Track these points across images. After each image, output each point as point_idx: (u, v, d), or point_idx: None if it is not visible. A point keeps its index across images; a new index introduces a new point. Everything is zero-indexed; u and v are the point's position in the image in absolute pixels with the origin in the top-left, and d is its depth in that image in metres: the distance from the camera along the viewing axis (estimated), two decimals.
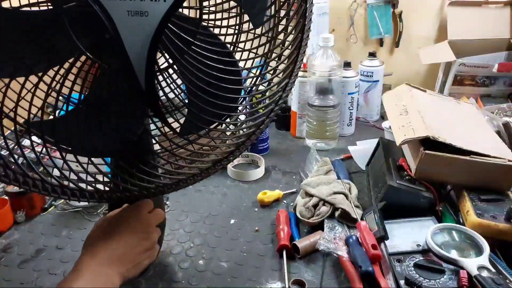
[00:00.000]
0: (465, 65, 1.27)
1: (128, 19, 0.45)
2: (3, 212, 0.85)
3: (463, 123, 0.96)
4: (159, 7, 0.46)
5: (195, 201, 0.95)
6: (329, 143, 1.18)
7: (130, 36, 0.45)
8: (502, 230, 0.71)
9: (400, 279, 0.66)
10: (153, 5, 0.45)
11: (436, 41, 1.46)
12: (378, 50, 1.50)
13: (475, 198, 0.78)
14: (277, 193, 0.95)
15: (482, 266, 0.65)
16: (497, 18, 1.34)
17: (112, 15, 0.44)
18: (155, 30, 0.46)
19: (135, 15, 0.45)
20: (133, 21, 0.45)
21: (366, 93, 1.30)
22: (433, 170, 0.80)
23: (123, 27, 0.45)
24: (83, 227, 0.87)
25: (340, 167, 1.01)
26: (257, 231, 0.85)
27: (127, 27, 0.45)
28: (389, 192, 0.81)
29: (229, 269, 0.76)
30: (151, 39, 0.46)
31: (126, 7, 0.44)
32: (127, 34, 0.45)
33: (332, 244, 0.74)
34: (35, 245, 0.82)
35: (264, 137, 1.14)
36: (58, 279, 0.73)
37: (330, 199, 0.84)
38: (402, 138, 0.82)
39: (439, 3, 1.43)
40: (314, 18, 1.32)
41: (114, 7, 0.44)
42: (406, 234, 0.77)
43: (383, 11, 1.46)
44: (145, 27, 0.46)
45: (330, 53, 1.11)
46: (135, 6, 0.45)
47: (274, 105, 0.68)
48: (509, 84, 1.29)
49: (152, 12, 0.46)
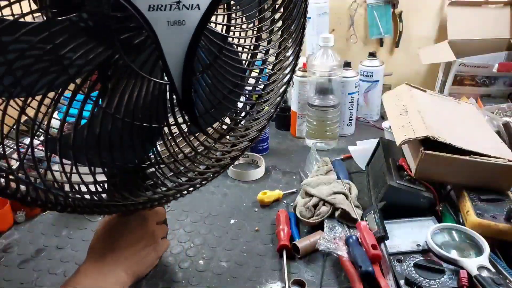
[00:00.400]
0: (465, 65, 1.27)
1: (167, 29, 0.45)
2: (3, 212, 0.85)
3: (463, 123, 0.96)
4: (195, 14, 0.47)
5: (195, 201, 0.95)
6: (329, 143, 1.18)
7: (168, 45, 0.46)
8: (502, 230, 0.71)
9: (400, 279, 0.66)
10: (189, 13, 0.46)
11: (436, 41, 1.46)
12: (378, 50, 1.50)
13: (475, 198, 0.78)
14: (277, 193, 0.95)
15: (482, 266, 0.65)
16: (497, 18, 1.34)
17: (154, 26, 0.44)
18: (192, 38, 0.47)
19: (174, 24, 0.46)
20: (172, 31, 0.46)
21: (366, 93, 1.30)
22: (433, 170, 0.80)
23: (163, 37, 0.45)
24: (83, 227, 0.87)
25: (340, 167, 1.01)
26: (257, 231, 0.85)
27: (167, 37, 0.46)
28: (389, 192, 0.81)
29: (229, 269, 0.76)
30: (188, 47, 0.47)
31: (166, 17, 0.45)
32: (166, 44, 0.46)
33: (332, 244, 0.74)
34: (35, 245, 0.82)
35: (264, 137, 1.14)
36: (58, 279, 0.74)
37: (330, 199, 0.84)
38: (402, 138, 0.82)
39: (439, 3, 1.43)
40: (314, 18, 1.33)
41: (155, 18, 0.44)
42: (406, 234, 0.77)
43: (383, 11, 1.46)
44: (183, 36, 0.47)
45: (330, 53, 1.11)
46: (174, 15, 0.45)
47: (274, 110, 0.70)
48: (509, 84, 1.29)
49: (188, 20, 0.46)
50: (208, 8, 0.47)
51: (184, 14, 0.46)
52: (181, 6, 0.45)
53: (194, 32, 0.47)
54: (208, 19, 0.48)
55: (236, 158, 0.69)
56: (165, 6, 0.44)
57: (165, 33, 0.45)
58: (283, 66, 0.67)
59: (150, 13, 0.43)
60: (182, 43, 0.47)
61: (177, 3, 0.45)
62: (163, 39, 0.45)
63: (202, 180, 0.66)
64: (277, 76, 0.68)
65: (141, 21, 0.43)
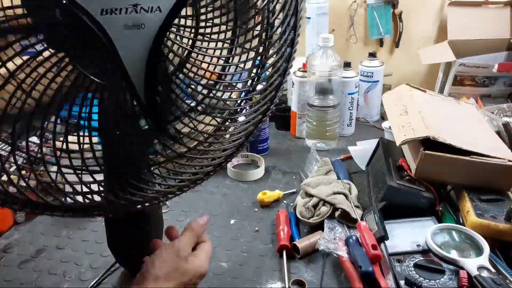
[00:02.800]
0: (465, 65, 1.27)
1: (124, 33, 0.43)
2: (3, 212, 0.85)
3: (463, 123, 0.96)
4: (155, 18, 0.44)
5: (194, 201, 0.95)
6: (329, 143, 1.17)
7: (127, 50, 0.44)
8: (502, 230, 0.71)
9: (400, 279, 0.66)
10: (149, 16, 0.44)
11: (436, 41, 1.46)
12: (378, 50, 1.50)
13: (475, 198, 0.78)
14: (277, 193, 0.95)
15: (482, 266, 0.65)
16: (497, 18, 1.34)
17: (108, 31, 0.42)
18: (153, 42, 0.45)
19: (131, 28, 0.43)
20: (130, 34, 0.43)
21: (366, 93, 1.30)
22: (433, 170, 0.80)
23: (120, 42, 0.43)
24: (83, 227, 0.87)
25: (340, 167, 1.01)
26: (257, 231, 0.85)
27: (124, 41, 0.43)
28: (389, 192, 0.81)
29: (229, 269, 0.76)
30: (149, 52, 0.45)
31: (122, 21, 0.43)
32: (124, 48, 0.44)
33: (332, 244, 0.74)
34: (35, 245, 0.82)
35: (264, 137, 1.14)
36: (58, 279, 0.74)
37: (330, 199, 0.84)
38: (402, 138, 0.82)
39: (439, 3, 1.43)
40: (314, 18, 1.33)
41: (109, 22, 0.42)
42: (406, 234, 0.77)
43: (383, 11, 1.46)
44: (143, 40, 0.44)
45: (330, 53, 1.11)
46: (131, 19, 0.43)
47: (270, 103, 0.67)
48: (509, 84, 1.29)
49: (148, 24, 0.44)
50: (171, 10, 0.45)
51: (143, 17, 0.44)
52: (138, 9, 0.43)
53: (155, 36, 0.45)
54: (171, 22, 0.45)
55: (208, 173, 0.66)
56: (120, 9, 0.42)
57: (122, 38, 0.43)
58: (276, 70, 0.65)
59: (103, 17, 0.42)
60: (142, 48, 0.45)
61: (134, 6, 0.43)
62: (120, 43, 0.43)
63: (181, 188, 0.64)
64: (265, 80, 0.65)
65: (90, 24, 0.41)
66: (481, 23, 1.33)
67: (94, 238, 0.84)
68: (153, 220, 0.72)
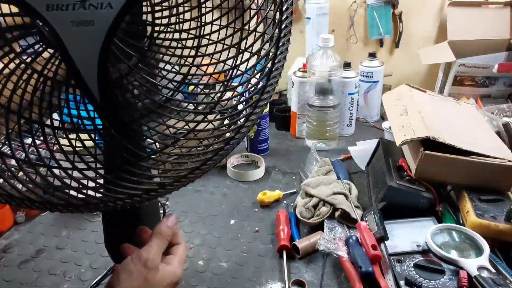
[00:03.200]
0: (465, 65, 1.27)
1: (73, 30, 0.42)
2: (3, 212, 0.85)
3: (463, 123, 0.96)
4: (105, 15, 0.42)
5: (194, 201, 0.95)
6: (329, 143, 1.18)
7: (77, 47, 0.43)
8: (502, 230, 0.71)
9: (400, 280, 0.66)
10: (98, 13, 0.42)
11: (436, 42, 1.46)
12: (378, 51, 1.50)
13: (475, 199, 0.78)
14: (277, 194, 0.95)
15: (482, 267, 0.65)
16: (497, 18, 1.34)
17: (55, 27, 0.41)
18: (104, 40, 0.43)
19: (79, 25, 0.42)
20: (79, 31, 0.42)
21: (366, 93, 1.30)
22: (433, 170, 0.80)
23: (68, 39, 0.42)
24: (82, 228, 0.87)
25: (340, 167, 1.01)
26: (257, 231, 0.85)
27: (73, 38, 0.42)
28: (389, 192, 0.81)
29: (229, 269, 0.76)
30: (100, 49, 0.43)
31: (69, 18, 0.41)
32: (74, 45, 0.42)
33: (332, 245, 0.74)
34: (35, 246, 0.82)
35: (264, 138, 1.14)
36: (58, 280, 0.74)
37: (330, 199, 0.84)
38: (402, 139, 0.82)
39: (439, 4, 1.43)
40: (314, 18, 1.33)
41: (56, 18, 0.41)
42: (406, 234, 0.77)
43: (383, 11, 1.46)
44: (93, 37, 0.43)
45: (330, 53, 1.11)
46: (79, 15, 0.42)
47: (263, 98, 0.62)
48: (509, 85, 1.29)
49: (98, 21, 0.42)
50: (123, 7, 0.42)
51: (92, 13, 0.42)
52: (87, 5, 0.42)
53: (106, 33, 0.43)
54: (122, 18, 0.43)
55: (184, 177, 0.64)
56: (67, 5, 0.41)
57: (70, 34, 0.42)
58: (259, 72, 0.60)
59: (50, 13, 0.41)
60: (93, 45, 0.43)
61: (82, 2, 0.41)
62: (68, 40, 0.42)
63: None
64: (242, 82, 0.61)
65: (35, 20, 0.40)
66: (481, 23, 1.33)
67: (94, 239, 0.84)
68: (150, 221, 0.72)
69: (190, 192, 0.98)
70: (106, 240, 0.70)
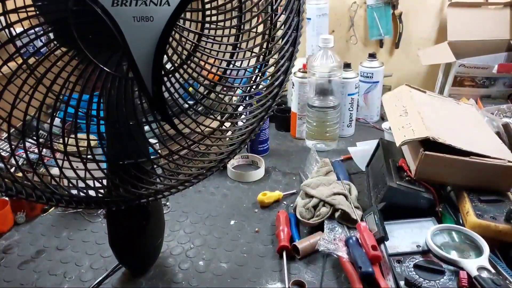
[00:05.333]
0: (465, 66, 1.27)
1: (134, 25, 0.44)
2: (4, 213, 0.85)
3: (463, 124, 0.96)
4: (164, 11, 0.45)
5: (195, 202, 0.95)
6: (329, 144, 1.18)
7: (136, 42, 0.45)
8: (502, 231, 0.71)
9: (400, 280, 0.66)
10: (158, 9, 0.45)
11: (436, 42, 1.46)
12: (378, 51, 1.50)
13: (475, 199, 0.78)
14: (277, 194, 0.95)
15: (482, 267, 0.65)
16: (497, 19, 1.34)
17: (118, 22, 0.43)
18: (161, 35, 0.46)
19: (140, 20, 0.44)
20: (139, 27, 0.45)
21: (366, 94, 1.30)
22: (433, 171, 0.81)
23: (129, 33, 0.44)
24: (83, 228, 0.87)
25: (340, 168, 1.01)
26: (257, 232, 0.85)
27: (133, 33, 0.45)
28: (389, 193, 0.81)
29: (229, 270, 0.76)
30: (157, 44, 0.46)
31: (131, 13, 0.44)
32: (133, 40, 0.45)
33: (332, 245, 0.74)
34: (35, 246, 0.82)
35: (264, 138, 1.14)
36: (59, 280, 0.74)
37: (330, 200, 0.84)
38: (402, 139, 0.82)
39: (439, 4, 1.43)
40: (314, 19, 1.34)
41: (119, 13, 0.43)
42: (406, 235, 0.77)
43: (383, 12, 1.47)
44: (151, 32, 0.46)
45: (330, 54, 1.12)
46: (140, 11, 0.44)
47: (272, 101, 0.68)
48: (508, 85, 1.29)
49: (157, 17, 0.45)
50: (179, 4, 0.46)
51: (152, 10, 0.45)
52: (148, 2, 0.44)
53: (163, 29, 0.46)
54: (178, 16, 0.46)
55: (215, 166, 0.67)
56: (130, 1, 0.43)
57: (131, 29, 0.44)
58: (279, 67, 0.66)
59: (114, 8, 0.43)
60: (151, 40, 0.46)
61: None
62: (129, 35, 0.44)
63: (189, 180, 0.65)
64: (268, 77, 0.67)
65: (102, 15, 0.42)
66: (480, 24, 1.33)
67: (94, 239, 0.84)
68: (154, 219, 0.72)
69: (191, 192, 0.98)
70: (110, 238, 0.70)
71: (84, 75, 0.46)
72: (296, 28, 0.63)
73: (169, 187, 0.62)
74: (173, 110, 0.54)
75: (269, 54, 0.65)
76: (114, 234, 0.70)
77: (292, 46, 0.64)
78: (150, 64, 0.47)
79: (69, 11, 0.41)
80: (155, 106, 0.51)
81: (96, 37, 0.45)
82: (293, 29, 0.63)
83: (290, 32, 0.62)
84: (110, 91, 0.48)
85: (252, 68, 0.65)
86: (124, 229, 0.68)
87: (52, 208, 0.92)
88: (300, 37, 0.66)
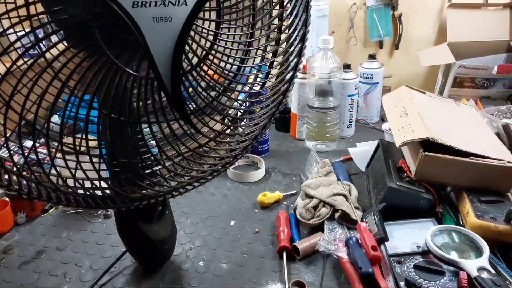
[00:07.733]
0: (465, 67, 1.27)
1: (153, 26, 0.45)
2: (4, 213, 0.85)
3: (463, 125, 0.96)
4: (182, 11, 0.46)
5: (195, 202, 0.95)
6: (329, 144, 1.18)
7: (155, 42, 0.46)
8: (502, 231, 0.71)
9: (400, 280, 0.66)
10: (176, 9, 0.46)
11: (435, 43, 1.47)
12: (378, 52, 1.51)
13: (475, 200, 0.78)
14: (277, 195, 0.95)
15: (482, 268, 0.65)
16: (497, 20, 1.34)
17: (139, 23, 0.44)
18: (179, 35, 0.47)
19: (160, 21, 0.45)
20: (158, 27, 0.46)
21: (366, 95, 1.30)
22: (432, 171, 0.81)
23: (149, 34, 0.45)
24: (83, 229, 0.87)
25: (340, 168, 1.01)
26: (257, 232, 0.85)
27: (153, 33, 0.45)
28: (389, 193, 0.81)
29: (229, 270, 0.76)
30: (175, 44, 0.47)
31: (151, 14, 0.45)
32: (153, 41, 0.46)
33: (332, 246, 0.74)
34: (36, 247, 0.82)
35: (264, 139, 1.14)
36: (59, 280, 0.74)
37: (330, 200, 0.85)
38: (402, 140, 0.82)
39: (439, 5, 1.44)
40: (314, 20, 1.33)
41: (140, 14, 0.44)
42: (406, 235, 0.77)
43: (382, 13, 1.47)
44: (170, 32, 0.46)
45: (330, 55, 1.12)
46: (160, 12, 0.45)
47: (276, 108, 0.69)
48: (508, 86, 1.29)
49: (175, 17, 0.46)
50: (196, 4, 0.47)
51: (171, 10, 0.46)
52: (167, 3, 0.45)
53: (181, 29, 0.47)
54: (196, 16, 0.47)
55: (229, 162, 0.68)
56: (150, 2, 0.44)
57: (151, 30, 0.45)
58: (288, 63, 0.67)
59: (134, 9, 0.43)
60: (169, 40, 0.47)
61: (163, 0, 0.45)
62: (149, 35, 0.45)
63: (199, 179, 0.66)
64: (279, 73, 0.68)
65: (124, 17, 0.43)
66: (480, 25, 1.34)
67: (95, 239, 0.84)
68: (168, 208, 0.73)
69: (191, 193, 0.97)
70: (118, 227, 0.70)
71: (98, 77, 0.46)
72: (304, 24, 0.64)
73: (184, 184, 0.63)
74: (191, 109, 0.55)
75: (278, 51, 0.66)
76: (121, 223, 0.70)
77: (301, 42, 0.65)
78: (169, 64, 0.48)
79: (91, 13, 0.42)
80: (174, 105, 0.52)
81: (117, 39, 0.45)
82: (302, 25, 0.64)
83: (299, 28, 0.63)
84: (132, 91, 0.49)
85: (264, 65, 0.67)
86: (132, 217, 0.68)
87: (52, 209, 0.93)
88: (308, 33, 0.67)
